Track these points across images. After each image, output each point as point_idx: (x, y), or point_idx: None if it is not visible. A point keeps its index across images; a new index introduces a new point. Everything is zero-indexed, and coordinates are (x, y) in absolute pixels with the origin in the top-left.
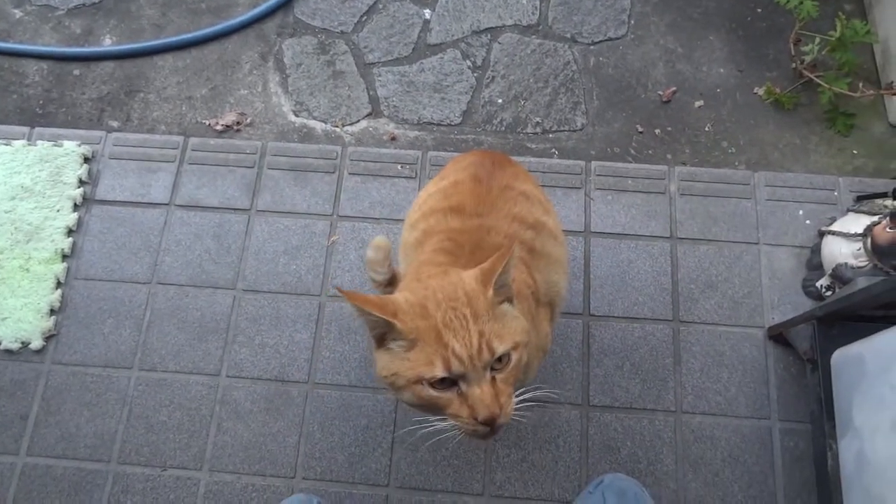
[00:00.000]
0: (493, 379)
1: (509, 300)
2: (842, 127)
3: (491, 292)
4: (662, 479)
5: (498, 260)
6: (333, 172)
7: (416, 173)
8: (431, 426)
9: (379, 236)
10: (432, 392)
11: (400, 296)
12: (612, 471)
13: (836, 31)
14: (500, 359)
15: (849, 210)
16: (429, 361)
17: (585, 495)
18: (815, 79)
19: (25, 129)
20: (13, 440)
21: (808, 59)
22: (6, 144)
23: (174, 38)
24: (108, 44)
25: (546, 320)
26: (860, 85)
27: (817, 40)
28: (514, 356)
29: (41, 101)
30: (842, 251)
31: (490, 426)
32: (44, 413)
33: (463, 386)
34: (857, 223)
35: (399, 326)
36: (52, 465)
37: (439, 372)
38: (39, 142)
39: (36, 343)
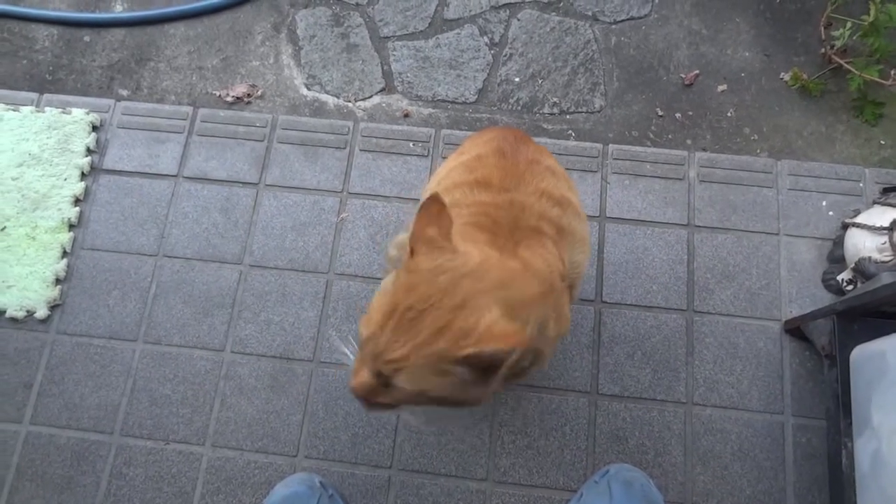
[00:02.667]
0: (388, 383)
1: (486, 370)
2: (870, 116)
3: (464, 353)
4: (670, 471)
5: (505, 342)
6: (344, 148)
7: (429, 151)
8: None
9: (402, 234)
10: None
11: (452, 255)
12: (619, 461)
13: (869, 15)
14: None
15: (874, 202)
16: (370, 319)
17: (591, 484)
18: (845, 65)
19: (34, 96)
20: (17, 408)
21: (838, 44)
22: (14, 110)
23: (186, 6)
24: (119, 10)
25: (567, 304)
26: (892, 73)
27: (849, 24)
28: (415, 398)
29: (51, 68)
30: (865, 245)
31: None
32: (48, 382)
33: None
34: (882, 216)
35: (406, 260)
36: (56, 434)
37: (363, 334)
38: (48, 108)
39: (41, 312)
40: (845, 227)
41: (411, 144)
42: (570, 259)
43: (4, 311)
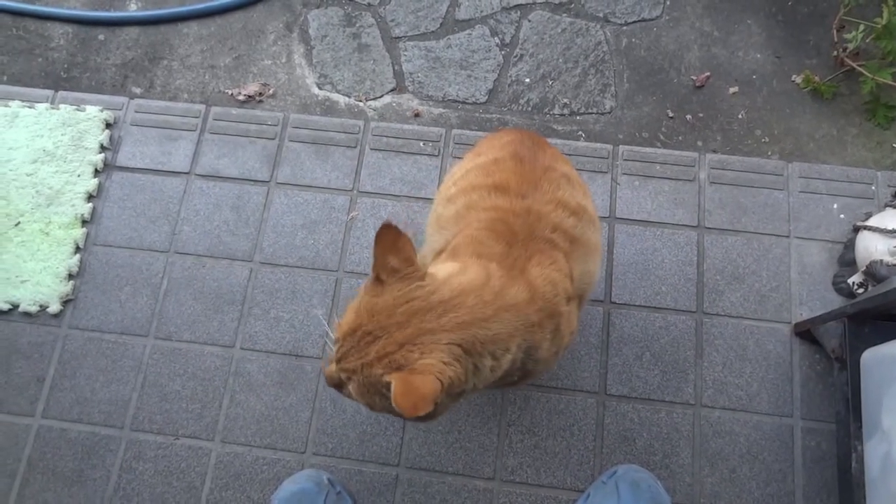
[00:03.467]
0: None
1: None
2: (882, 119)
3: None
4: (678, 473)
5: (417, 400)
6: (355, 147)
7: (439, 151)
8: None
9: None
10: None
11: (423, 276)
12: (627, 462)
13: (882, 17)
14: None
15: (886, 205)
16: (343, 323)
17: (598, 485)
18: (858, 68)
19: (49, 93)
20: (29, 402)
21: (850, 46)
22: (30, 107)
23: (200, 6)
24: (133, 9)
25: (575, 315)
26: None
27: (861, 27)
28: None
29: (65, 65)
30: (877, 248)
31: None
32: (60, 376)
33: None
34: (894, 219)
35: (368, 285)
36: (67, 428)
37: (337, 330)
38: (62, 105)
39: (54, 307)
40: (856, 230)
41: (422, 144)
42: (581, 269)
43: (18, 306)
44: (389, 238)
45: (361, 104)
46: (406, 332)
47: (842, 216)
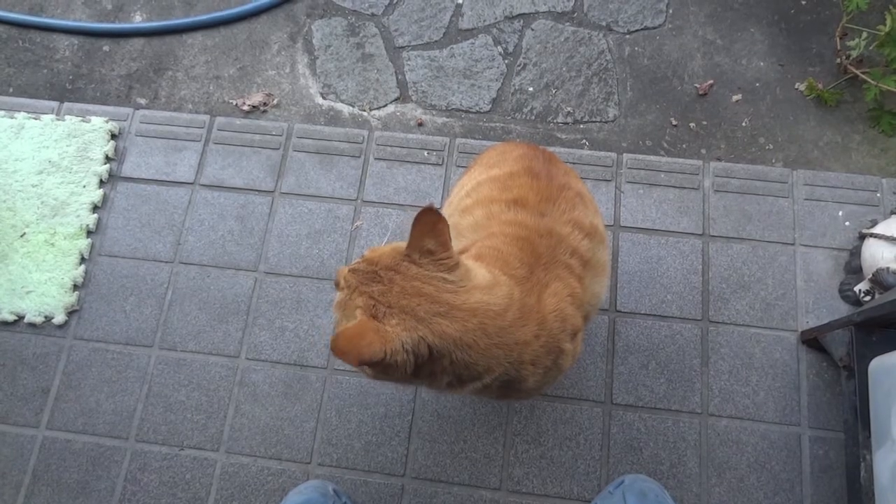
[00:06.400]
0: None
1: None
2: (886, 126)
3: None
4: (685, 483)
5: None
6: (359, 157)
7: (443, 160)
8: None
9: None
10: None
11: (458, 267)
12: (634, 471)
13: (885, 25)
14: None
15: (892, 212)
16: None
17: (605, 495)
18: (861, 75)
19: (54, 104)
20: (34, 413)
21: (854, 54)
22: (35, 119)
23: (204, 17)
24: (138, 20)
25: (580, 339)
26: None
27: (864, 35)
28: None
29: (71, 77)
30: (884, 255)
31: None
32: (64, 388)
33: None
34: None
35: (403, 257)
36: (72, 439)
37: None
38: (68, 117)
39: (59, 318)
40: (862, 237)
41: (426, 153)
42: (591, 292)
43: (23, 317)
44: (430, 221)
45: (365, 114)
46: (400, 302)
47: (847, 223)
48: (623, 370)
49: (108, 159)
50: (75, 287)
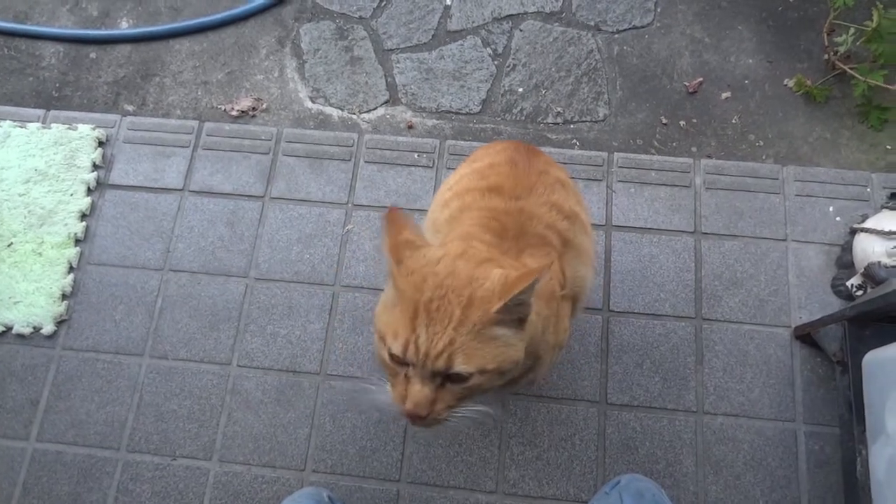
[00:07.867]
0: (442, 384)
1: (521, 320)
2: (875, 121)
3: (497, 306)
4: (682, 481)
5: (524, 277)
6: (349, 160)
7: (434, 162)
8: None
9: None
10: (386, 356)
11: (433, 251)
12: (630, 471)
13: (872, 20)
14: (459, 374)
15: (883, 207)
16: (395, 332)
17: (602, 495)
18: (849, 71)
19: (41, 112)
20: (24, 425)
21: (841, 49)
22: (21, 127)
23: (191, 22)
24: (124, 27)
25: (567, 315)
26: None
27: (852, 30)
28: (476, 380)
29: (57, 84)
30: (875, 249)
31: (412, 419)
32: (54, 399)
33: (410, 370)
34: (891, 221)
35: (395, 276)
36: (62, 451)
37: (396, 349)
38: (54, 125)
39: (48, 328)
40: (853, 232)
41: (416, 156)
42: (573, 273)
43: (11, 328)
44: (397, 218)
45: (355, 117)
46: (461, 278)
47: (838, 219)
48: (617, 370)
49: (95, 167)
50: (64, 297)
